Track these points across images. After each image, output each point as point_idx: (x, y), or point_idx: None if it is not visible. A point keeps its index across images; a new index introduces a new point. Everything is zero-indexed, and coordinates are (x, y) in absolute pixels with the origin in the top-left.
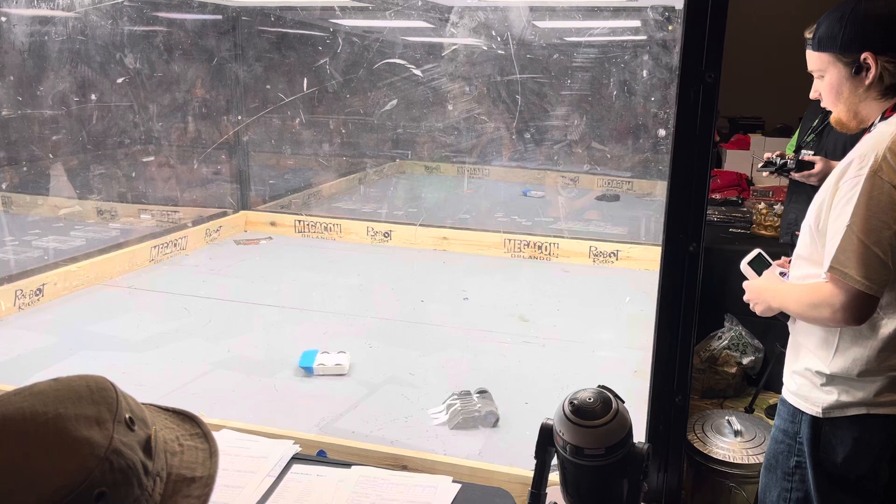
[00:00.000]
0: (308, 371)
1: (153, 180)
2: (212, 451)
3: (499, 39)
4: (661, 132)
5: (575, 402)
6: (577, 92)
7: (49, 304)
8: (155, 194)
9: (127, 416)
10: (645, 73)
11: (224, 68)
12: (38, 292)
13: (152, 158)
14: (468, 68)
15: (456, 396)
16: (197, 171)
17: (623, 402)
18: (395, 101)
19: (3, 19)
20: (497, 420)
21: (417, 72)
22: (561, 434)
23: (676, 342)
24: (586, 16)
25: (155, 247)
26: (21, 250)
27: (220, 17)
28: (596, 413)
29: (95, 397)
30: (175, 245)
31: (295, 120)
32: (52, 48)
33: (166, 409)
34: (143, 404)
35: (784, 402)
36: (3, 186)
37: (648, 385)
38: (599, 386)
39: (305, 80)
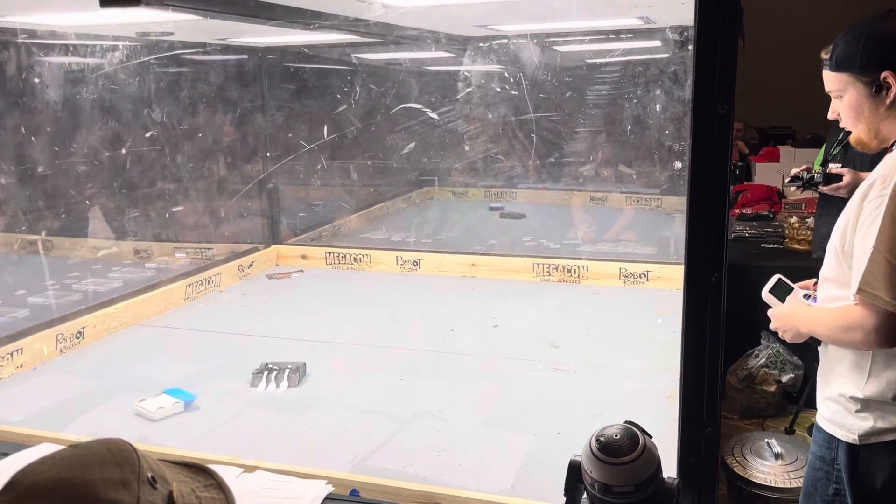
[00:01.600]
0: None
1: (186, 220)
2: (228, 501)
3: (535, 61)
4: (678, 164)
5: (601, 439)
6: (602, 109)
7: (89, 346)
8: (188, 233)
9: (149, 475)
10: (657, 92)
11: (251, 109)
12: (78, 335)
13: (184, 199)
14: (492, 94)
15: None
16: (229, 208)
17: (650, 436)
18: (412, 145)
19: (37, 80)
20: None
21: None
22: (589, 472)
23: (703, 374)
24: (606, 39)
25: (189, 285)
26: (62, 294)
27: (244, 56)
28: (623, 450)
29: (118, 459)
30: (209, 282)
31: (324, 153)
32: (83, 104)
33: (178, 464)
34: (158, 461)
35: (819, 428)
36: (44, 233)
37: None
38: (626, 421)
39: (326, 126)
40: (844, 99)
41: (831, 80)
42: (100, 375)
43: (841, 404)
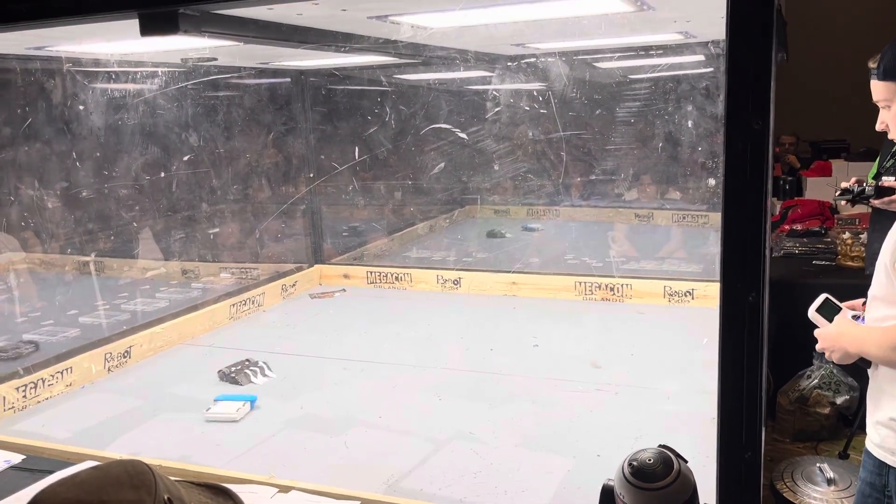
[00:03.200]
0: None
1: (231, 240)
2: None
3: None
4: (711, 181)
5: (635, 463)
6: (649, 125)
7: (136, 365)
8: (234, 253)
9: (165, 496)
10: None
11: (291, 131)
12: (125, 354)
13: (230, 220)
14: (534, 109)
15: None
16: (273, 229)
17: (686, 461)
18: (442, 165)
19: (82, 107)
20: None
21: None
22: (621, 496)
23: (742, 396)
24: (636, 56)
25: (233, 305)
26: (111, 314)
27: (287, 79)
28: (657, 475)
29: (135, 482)
30: (253, 302)
31: (366, 172)
32: (126, 130)
33: (199, 485)
34: (177, 481)
35: (869, 453)
36: (94, 254)
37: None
38: (661, 445)
39: (357, 149)
40: (893, 108)
41: (879, 90)
42: (145, 394)
43: (892, 429)
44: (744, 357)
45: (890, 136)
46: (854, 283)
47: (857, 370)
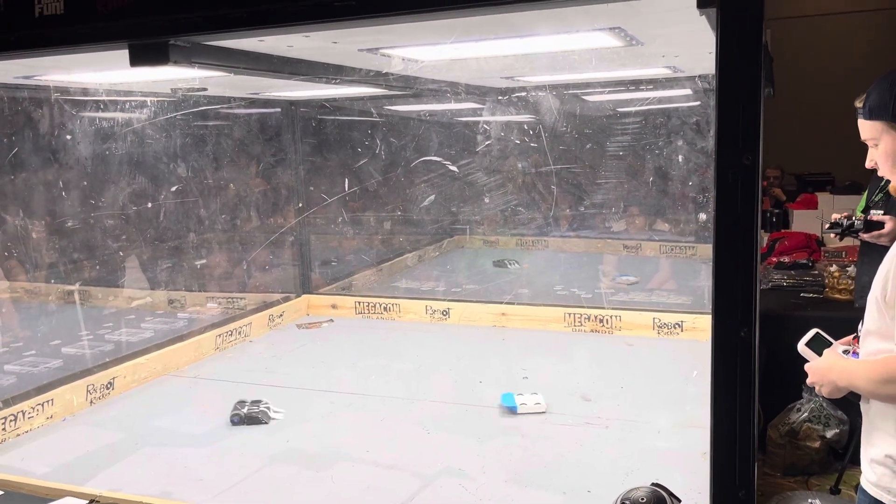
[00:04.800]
0: (513, 409)
1: (218, 270)
2: None
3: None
4: (702, 216)
5: (627, 502)
6: (631, 159)
7: (119, 396)
8: (221, 283)
9: None
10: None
11: (280, 161)
12: (108, 386)
13: (217, 249)
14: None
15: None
16: (261, 259)
17: (679, 500)
18: (432, 197)
19: (69, 137)
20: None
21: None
22: None
23: (735, 434)
24: (626, 90)
25: (219, 335)
26: (95, 344)
27: (277, 109)
28: None
29: None
30: (239, 332)
31: (354, 203)
32: (114, 159)
33: None
34: None
35: (864, 492)
36: (78, 284)
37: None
38: (653, 483)
39: (346, 180)
40: (880, 147)
41: (866, 129)
42: (126, 427)
43: (888, 466)
44: (737, 395)
45: (880, 174)
46: (842, 316)
47: (848, 404)
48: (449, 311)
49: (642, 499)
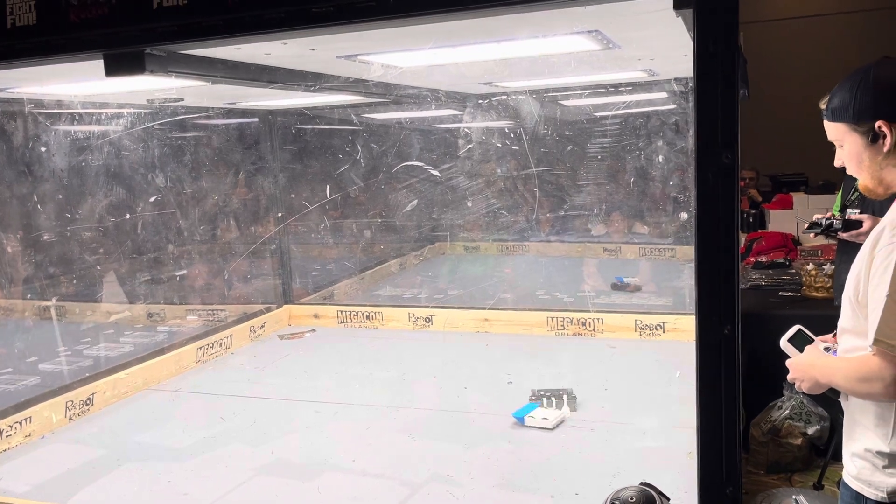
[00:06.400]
0: (520, 421)
1: (198, 282)
2: None
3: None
4: (684, 216)
5: (617, 501)
6: (609, 161)
7: (99, 412)
8: (200, 295)
9: None
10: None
11: (258, 171)
12: (87, 402)
13: (196, 261)
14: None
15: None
16: (241, 269)
17: (668, 499)
18: (415, 202)
19: (44, 149)
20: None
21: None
22: None
23: (721, 431)
24: (606, 93)
25: (200, 348)
26: (73, 360)
27: (255, 119)
28: None
29: None
30: (220, 345)
31: (333, 212)
32: (90, 171)
33: None
34: None
35: (846, 485)
36: (55, 299)
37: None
38: (642, 483)
39: (328, 186)
40: (845, 148)
41: (831, 130)
42: (107, 444)
43: (867, 460)
44: (722, 392)
45: (848, 172)
46: (820, 314)
47: (828, 400)
48: (432, 317)
49: (632, 498)
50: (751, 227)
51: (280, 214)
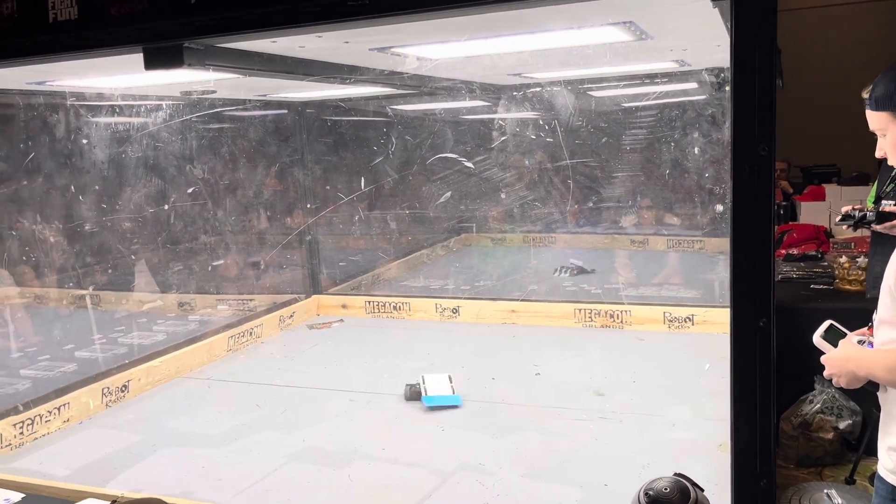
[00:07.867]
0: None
1: (228, 272)
2: None
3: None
4: (719, 207)
5: (651, 492)
6: (642, 153)
7: (134, 399)
8: (231, 285)
9: None
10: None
11: (291, 163)
12: (123, 389)
13: (227, 252)
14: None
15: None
16: (270, 260)
17: (702, 490)
18: (448, 194)
19: (85, 141)
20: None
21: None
22: None
23: (755, 423)
24: (641, 83)
25: (231, 336)
26: (108, 348)
27: (284, 111)
28: None
29: None
30: (251, 334)
31: (362, 203)
32: (129, 163)
33: None
34: None
35: (882, 479)
36: (91, 288)
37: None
38: (676, 474)
39: (363, 178)
40: (888, 137)
41: (874, 120)
42: (142, 429)
43: None
44: (756, 384)
45: (889, 163)
46: (853, 307)
47: (860, 394)
48: (459, 309)
49: (665, 489)
50: (782, 219)
51: (311, 206)
